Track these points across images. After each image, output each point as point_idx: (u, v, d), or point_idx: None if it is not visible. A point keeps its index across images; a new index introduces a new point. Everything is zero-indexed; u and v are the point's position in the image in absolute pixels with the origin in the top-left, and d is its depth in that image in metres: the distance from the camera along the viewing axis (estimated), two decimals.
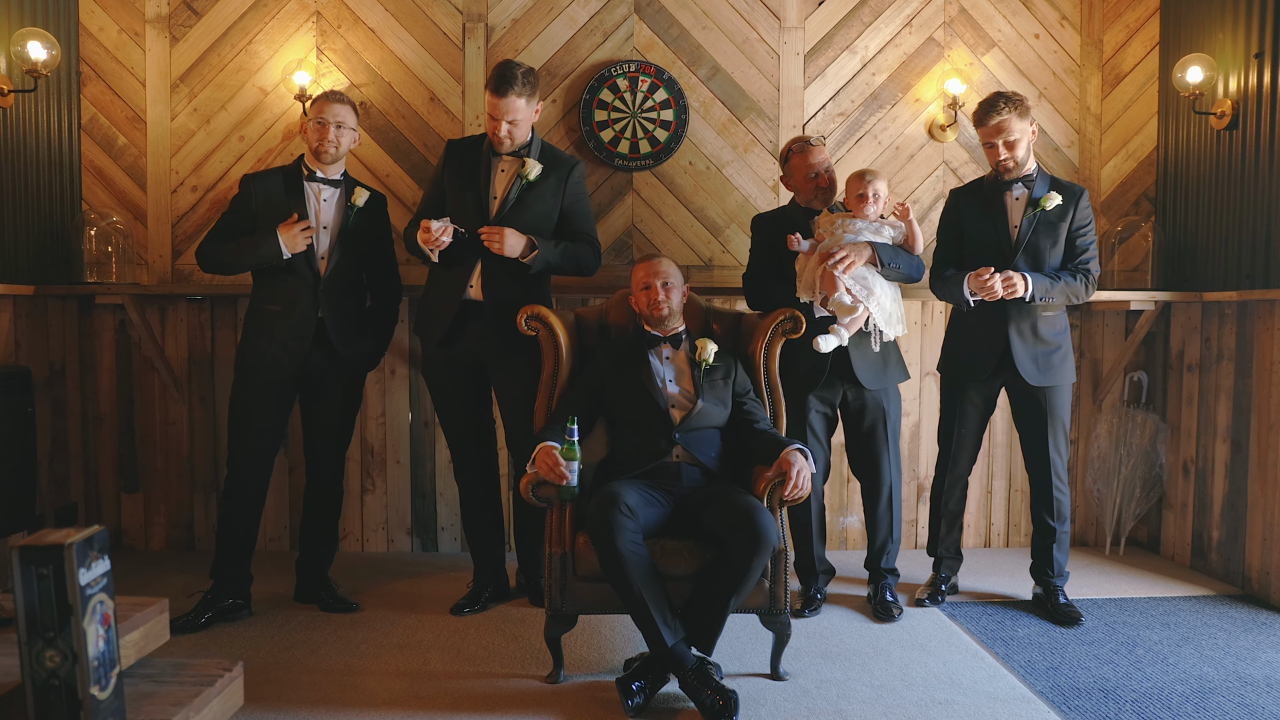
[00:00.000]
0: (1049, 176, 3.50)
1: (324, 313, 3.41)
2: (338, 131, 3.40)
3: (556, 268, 3.42)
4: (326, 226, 3.44)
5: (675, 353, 3.17)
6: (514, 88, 3.26)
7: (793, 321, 3.23)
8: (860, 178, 3.37)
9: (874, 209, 3.35)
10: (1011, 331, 3.42)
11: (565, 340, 3.22)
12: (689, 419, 3.02)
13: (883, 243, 3.32)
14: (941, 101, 4.35)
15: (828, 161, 3.50)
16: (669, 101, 4.26)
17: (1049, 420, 3.47)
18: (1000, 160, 3.39)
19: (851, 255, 3.25)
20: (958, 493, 3.70)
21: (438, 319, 3.43)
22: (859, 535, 4.45)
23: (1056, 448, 3.49)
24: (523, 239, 3.32)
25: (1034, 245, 3.40)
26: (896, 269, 3.32)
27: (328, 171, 3.45)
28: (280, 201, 3.39)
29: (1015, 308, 3.41)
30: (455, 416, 3.53)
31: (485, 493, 3.59)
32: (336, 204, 3.46)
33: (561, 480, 2.78)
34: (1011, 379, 3.49)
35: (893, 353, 3.50)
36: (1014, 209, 3.45)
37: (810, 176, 3.48)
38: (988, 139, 3.40)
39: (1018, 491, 4.50)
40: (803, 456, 2.86)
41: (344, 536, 4.33)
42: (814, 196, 3.49)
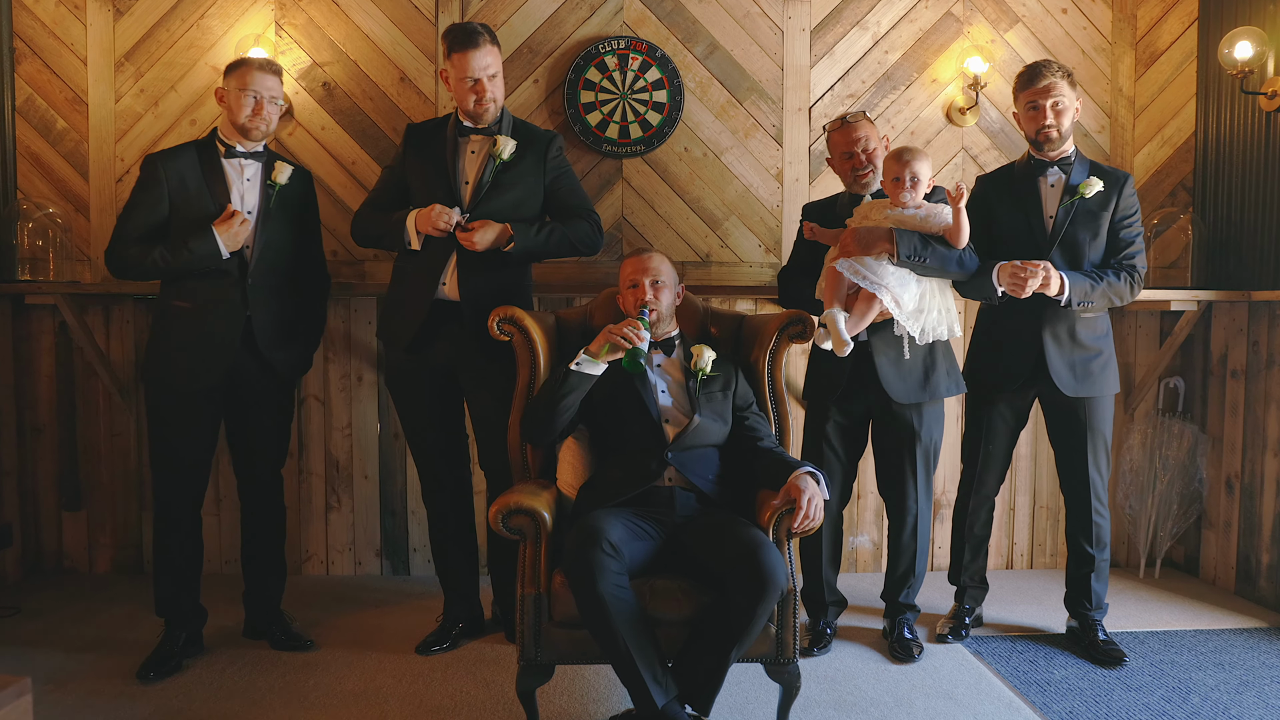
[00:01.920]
0: (1088, 161, 3.13)
1: (253, 311, 2.98)
2: (270, 108, 2.99)
3: (543, 252, 3.04)
4: (251, 211, 3.00)
5: (668, 360, 2.80)
6: (482, 36, 2.91)
7: (800, 325, 2.85)
8: (897, 158, 2.93)
9: (913, 195, 2.91)
10: (1046, 336, 3.04)
11: (543, 346, 2.84)
12: (683, 436, 2.64)
13: (907, 231, 2.90)
14: (961, 82, 3.98)
15: (868, 139, 3.06)
16: (662, 81, 3.88)
17: (1089, 435, 3.09)
18: (1044, 126, 3.01)
19: (857, 245, 2.86)
20: (984, 516, 3.32)
21: (406, 321, 3.05)
22: (870, 557, 4.08)
23: (1097, 466, 3.11)
24: (497, 228, 2.94)
25: (1071, 238, 3.02)
26: (921, 262, 2.90)
27: (249, 147, 3.01)
28: (196, 183, 2.95)
29: (1050, 309, 3.03)
30: (424, 431, 3.14)
31: (457, 517, 3.21)
32: (260, 181, 3.04)
33: (636, 341, 2.57)
34: (1046, 390, 3.11)
35: (939, 361, 3.06)
36: (1049, 197, 3.07)
37: (845, 156, 3.08)
38: (1032, 99, 3.02)
39: (1042, 508, 4.13)
40: (814, 481, 2.48)
41: (307, 558, 3.97)
42: (852, 181, 3.10)
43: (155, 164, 2.96)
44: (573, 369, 2.63)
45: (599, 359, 2.63)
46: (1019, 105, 3.09)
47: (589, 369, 2.64)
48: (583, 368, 2.63)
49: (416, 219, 2.96)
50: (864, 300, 2.86)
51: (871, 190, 3.08)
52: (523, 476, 2.83)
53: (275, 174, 3.02)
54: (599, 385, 2.71)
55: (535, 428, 2.70)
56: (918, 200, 2.93)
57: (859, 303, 2.88)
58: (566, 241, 3.06)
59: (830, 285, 2.90)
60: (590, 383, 2.65)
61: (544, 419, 2.67)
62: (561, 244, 3.05)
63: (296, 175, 3.10)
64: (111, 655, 3.07)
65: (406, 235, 2.99)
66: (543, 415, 2.67)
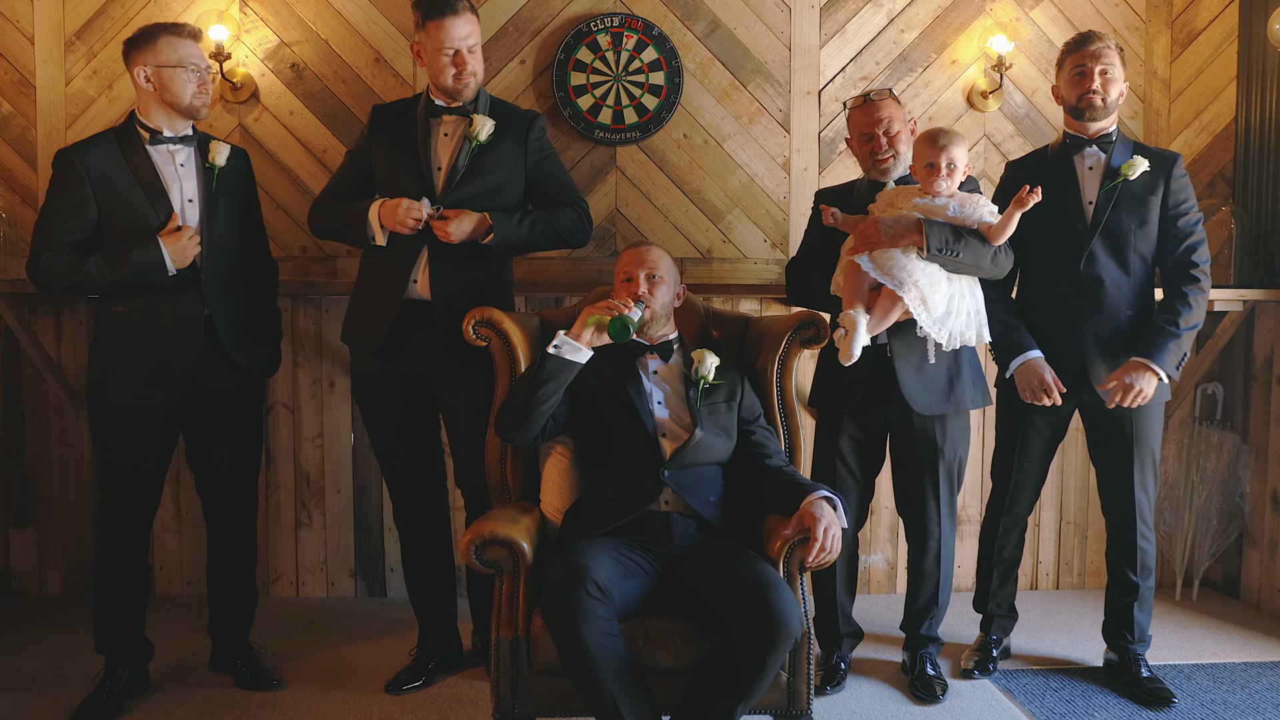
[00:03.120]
0: (1131, 141, 2.82)
1: (212, 309, 2.67)
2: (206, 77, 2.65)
3: (526, 244, 2.74)
4: (193, 199, 2.68)
5: (665, 367, 2.50)
6: (461, 2, 2.61)
7: (813, 328, 2.55)
8: (932, 141, 2.61)
9: (947, 184, 2.60)
10: (1088, 338, 2.74)
11: (525, 352, 2.54)
12: (682, 452, 2.34)
13: (937, 222, 2.59)
14: (983, 63, 3.68)
15: (892, 121, 2.73)
16: (659, 62, 3.57)
17: (1135, 452, 2.79)
18: (1089, 90, 2.71)
19: (882, 236, 2.55)
20: (1014, 539, 3.01)
21: (372, 324, 2.74)
22: (885, 577, 3.78)
23: (1143, 485, 2.81)
24: (475, 218, 2.64)
25: (1115, 225, 2.72)
26: (953, 257, 2.59)
27: (176, 128, 2.66)
28: (124, 178, 2.60)
29: (1093, 307, 2.73)
30: (394, 446, 2.84)
31: (432, 541, 2.91)
32: (195, 166, 2.70)
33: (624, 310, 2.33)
34: (1089, 399, 2.80)
35: (965, 369, 2.75)
36: (1087, 180, 2.77)
37: (864, 138, 2.76)
38: (1080, 63, 2.72)
39: (1070, 524, 3.83)
40: (831, 507, 2.18)
41: (275, 579, 3.67)
42: (871, 165, 2.78)
43: (71, 160, 2.59)
44: (551, 353, 2.32)
45: (582, 341, 2.33)
46: (1063, 73, 2.79)
47: (570, 354, 2.32)
48: (563, 352, 2.32)
49: (381, 212, 2.66)
50: (886, 299, 2.55)
51: (892, 178, 2.77)
52: (502, 498, 2.53)
53: (212, 155, 2.69)
54: (588, 392, 2.42)
55: (511, 423, 2.37)
56: (953, 189, 2.62)
57: (880, 301, 2.56)
58: (552, 232, 2.76)
59: (850, 281, 2.58)
60: (572, 371, 2.33)
61: (520, 412, 2.34)
62: (546, 235, 2.74)
63: (235, 155, 2.78)
64: (49, 693, 2.77)
65: (369, 229, 2.68)
66: (519, 407, 2.35)
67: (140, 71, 2.61)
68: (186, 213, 2.66)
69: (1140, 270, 2.77)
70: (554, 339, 2.32)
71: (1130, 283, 2.75)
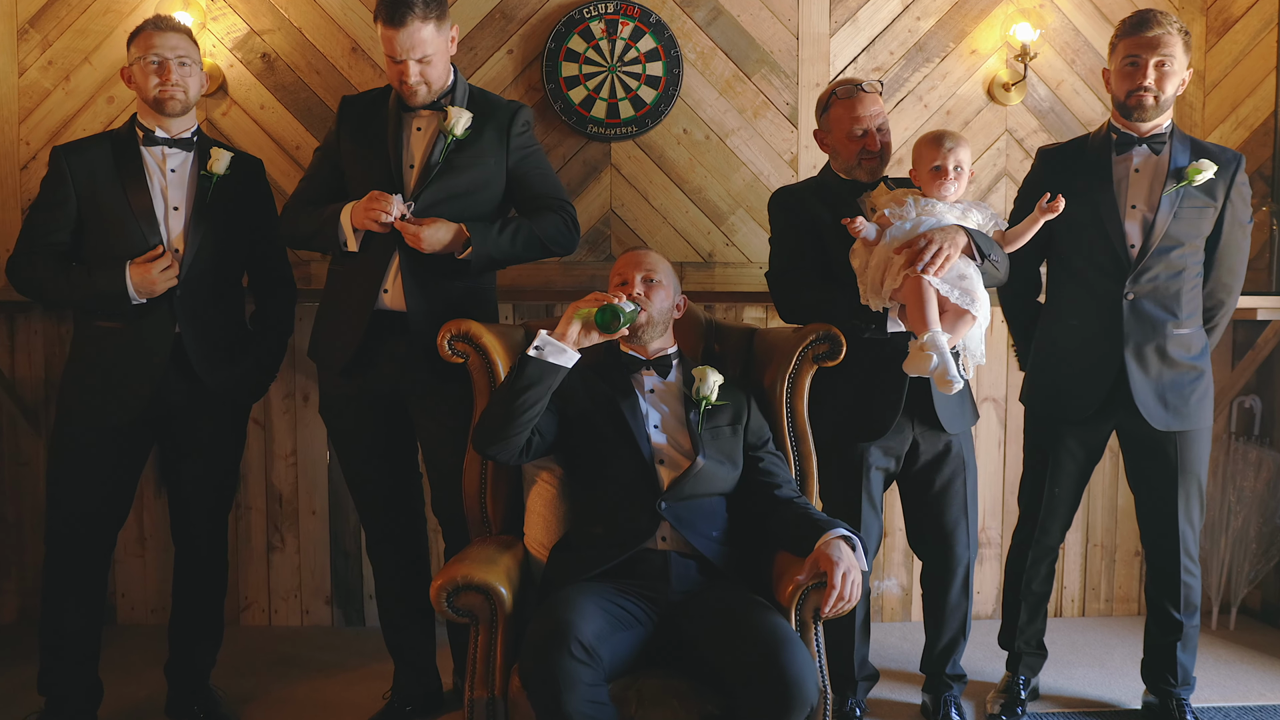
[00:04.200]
0: (1189, 138, 2.57)
1: (182, 326, 2.49)
2: (182, 71, 2.49)
3: (509, 257, 2.49)
4: (178, 207, 2.52)
5: (663, 385, 2.25)
6: (414, 10, 2.34)
7: (827, 342, 2.30)
8: (936, 143, 2.40)
9: (955, 188, 2.39)
10: (1129, 355, 2.49)
11: (506, 369, 2.28)
12: (682, 482, 2.10)
13: (976, 230, 2.39)
14: (1005, 53, 3.43)
15: (883, 116, 2.54)
16: (657, 52, 3.33)
17: (1180, 479, 2.54)
18: (1139, 87, 2.45)
19: (944, 245, 2.30)
20: (1044, 570, 2.76)
21: (341, 338, 2.49)
22: (899, 604, 3.54)
23: (1188, 516, 2.56)
24: (451, 229, 2.39)
25: (1171, 236, 2.47)
26: (994, 265, 2.37)
27: (171, 129, 2.52)
28: (108, 178, 2.48)
29: (1135, 317, 2.49)
30: (365, 472, 2.59)
31: (407, 574, 2.66)
32: (190, 173, 2.55)
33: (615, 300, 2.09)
34: (1128, 421, 2.55)
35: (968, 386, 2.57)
36: (1133, 185, 2.52)
37: (855, 134, 2.52)
38: (1133, 53, 2.45)
39: (1096, 546, 3.59)
40: (849, 548, 1.93)
41: (246, 606, 3.43)
42: (856, 163, 2.55)
43: (59, 158, 2.53)
44: (532, 356, 2.05)
45: (567, 341, 2.07)
46: (1114, 59, 2.53)
47: (554, 357, 2.05)
48: (545, 354, 2.05)
49: (352, 213, 2.41)
50: (954, 316, 2.32)
51: (877, 178, 2.56)
52: (481, 531, 2.29)
53: (212, 163, 2.54)
54: (577, 409, 2.17)
55: (489, 436, 2.10)
56: (962, 193, 2.40)
57: (949, 317, 2.33)
58: (536, 242, 2.51)
59: (918, 299, 2.30)
60: (555, 377, 2.06)
61: (499, 423, 2.08)
62: (530, 246, 2.49)
63: (239, 164, 2.60)
64: None
65: (341, 234, 2.43)
66: (498, 418, 2.08)
67: (126, 72, 2.56)
68: (169, 221, 2.51)
69: (1194, 280, 2.54)
70: (535, 338, 2.07)
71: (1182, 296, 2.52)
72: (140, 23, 2.56)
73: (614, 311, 2.03)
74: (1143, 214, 2.50)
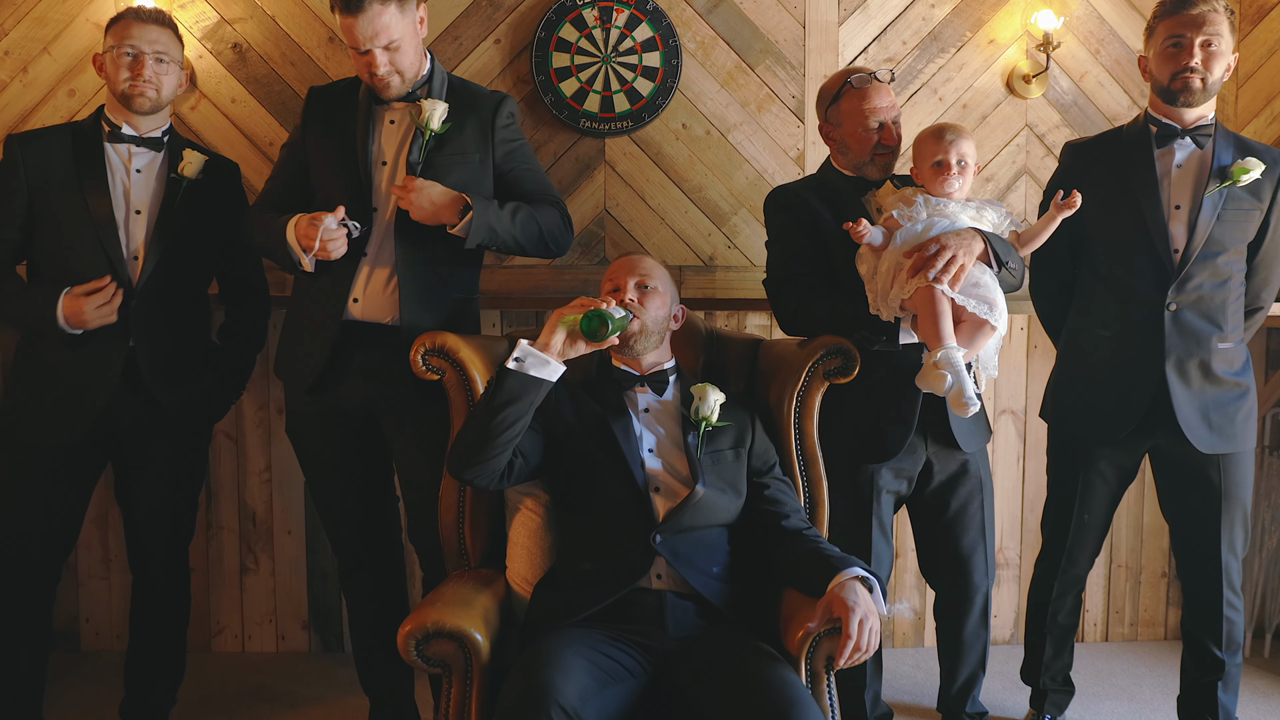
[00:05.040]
0: (1231, 134, 2.37)
1: (136, 341, 2.30)
2: (157, 67, 2.32)
3: (508, 239, 2.26)
4: (140, 210, 2.34)
5: (659, 404, 2.05)
6: None
7: (840, 357, 2.09)
8: (938, 137, 2.22)
9: (961, 184, 2.20)
10: (1170, 369, 2.29)
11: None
12: (679, 514, 1.89)
13: (992, 233, 2.19)
14: (1025, 42, 3.22)
15: (896, 110, 2.35)
16: (654, 41, 3.12)
17: (1224, 506, 2.33)
18: (1186, 68, 2.24)
19: (958, 251, 2.09)
20: (1070, 602, 2.57)
21: (306, 352, 2.29)
22: (911, 630, 3.33)
23: (1232, 546, 2.36)
24: (448, 193, 2.18)
25: (1214, 239, 2.27)
26: (1011, 271, 2.18)
27: (140, 126, 2.35)
28: (64, 173, 2.31)
29: (1178, 329, 2.29)
30: (336, 497, 2.39)
31: (383, 607, 2.46)
32: (157, 175, 2.37)
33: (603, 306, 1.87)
34: (1166, 443, 2.35)
35: None
36: (1176, 183, 2.31)
37: (869, 128, 2.31)
38: (1176, 34, 2.25)
39: (1121, 567, 3.38)
40: (865, 590, 1.73)
41: (218, 632, 3.23)
42: (869, 159, 2.34)
43: (13, 146, 2.37)
44: (511, 369, 1.84)
45: (550, 352, 1.86)
46: (1154, 41, 2.32)
47: (535, 369, 1.84)
48: (526, 367, 1.84)
49: (296, 232, 2.20)
50: (971, 327, 2.12)
51: (889, 174, 2.38)
52: (459, 564, 2.08)
53: (183, 165, 2.37)
54: (564, 429, 1.98)
55: (466, 458, 1.90)
56: (966, 189, 2.21)
57: (966, 329, 2.13)
58: (535, 228, 2.30)
59: (932, 312, 2.09)
60: (538, 392, 1.85)
61: (476, 444, 1.87)
62: (528, 230, 2.28)
63: (214, 168, 2.43)
64: None
65: (293, 254, 2.21)
66: (474, 438, 1.87)
67: (98, 59, 2.39)
68: (130, 226, 2.33)
69: (1239, 289, 2.35)
70: (515, 349, 1.86)
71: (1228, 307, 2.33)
72: (120, 10, 2.41)
73: (601, 317, 1.82)
74: (1187, 215, 2.30)
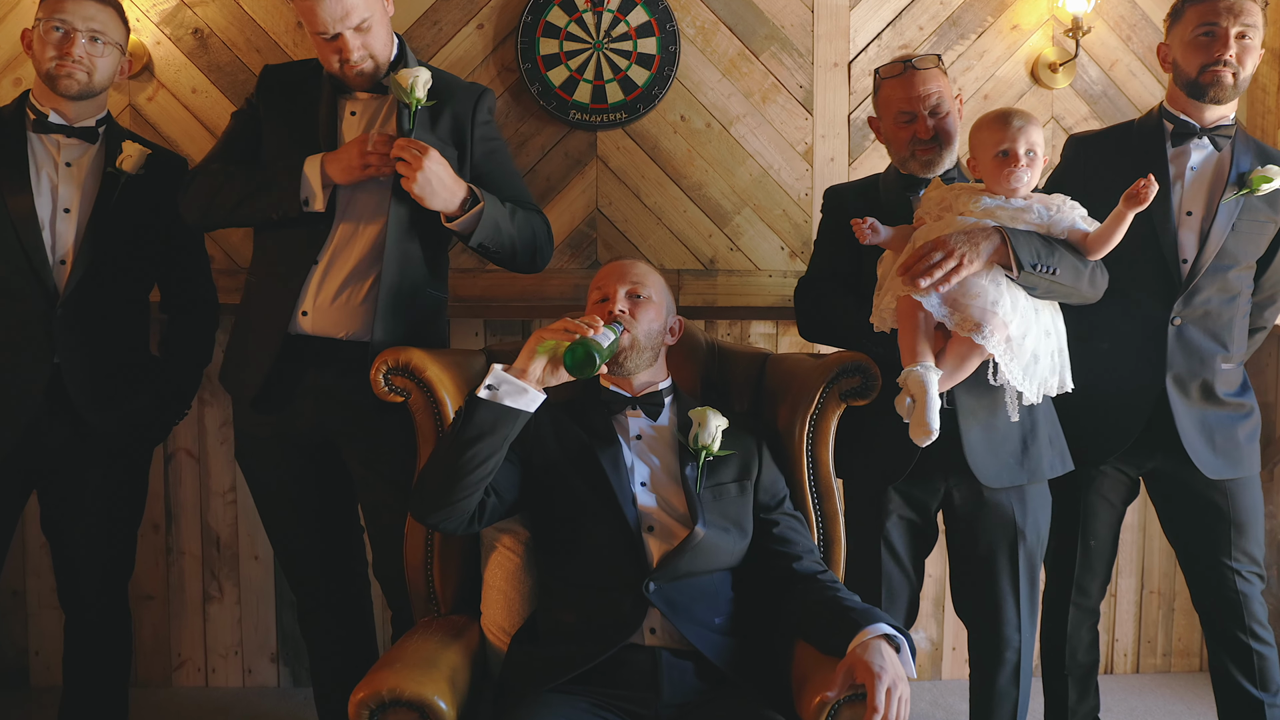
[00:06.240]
0: (1251, 138, 2.18)
1: (62, 356, 2.06)
2: (90, 47, 2.08)
3: (506, 246, 2.05)
4: (70, 209, 2.10)
5: (653, 430, 1.82)
6: None
7: (858, 375, 1.86)
8: (1001, 123, 1.94)
9: (1028, 177, 1.92)
10: (1170, 386, 2.10)
11: (458, 409, 1.84)
12: (677, 558, 1.66)
13: (1023, 230, 1.90)
14: (1052, 28, 3.00)
15: (941, 97, 2.07)
16: (650, 26, 2.89)
17: (1234, 535, 2.15)
18: (1218, 60, 2.03)
19: (959, 254, 1.84)
20: (1087, 636, 2.37)
21: (249, 363, 2.07)
22: (927, 660, 3.12)
23: (1247, 575, 2.17)
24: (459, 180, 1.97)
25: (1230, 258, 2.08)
26: (1049, 276, 1.88)
27: (71, 114, 2.11)
28: None
29: (1181, 347, 2.10)
30: (291, 531, 2.15)
31: (347, 650, 2.22)
32: (90, 170, 2.13)
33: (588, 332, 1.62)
34: (1168, 463, 2.16)
35: (1041, 424, 2.07)
36: (1190, 187, 2.10)
37: (903, 118, 2.07)
38: (1209, 21, 2.04)
39: (1152, 593, 3.16)
40: (893, 651, 1.49)
41: (179, 665, 3.01)
42: (909, 155, 2.09)
43: None
44: (483, 398, 1.61)
45: (528, 380, 1.62)
46: (1180, 28, 2.11)
47: (511, 399, 1.61)
48: (501, 395, 1.61)
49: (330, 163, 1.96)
50: (961, 344, 1.85)
51: (936, 172, 2.10)
52: (427, 610, 1.85)
53: (122, 159, 2.13)
54: (544, 459, 1.75)
55: (431, 500, 1.67)
56: (1032, 185, 1.94)
57: (952, 347, 1.87)
58: (530, 236, 2.10)
59: (909, 323, 1.87)
60: (514, 424, 1.62)
61: (443, 485, 1.64)
62: (524, 236, 2.08)
63: (158, 163, 2.19)
64: None
65: (304, 187, 1.96)
66: (441, 478, 1.64)
67: (26, 35, 2.16)
68: (57, 225, 2.09)
69: (1246, 307, 2.18)
70: (488, 374, 1.62)
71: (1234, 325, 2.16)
72: None
73: (587, 350, 1.57)
74: (1199, 223, 2.10)
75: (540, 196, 2.88)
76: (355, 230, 2.03)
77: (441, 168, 1.91)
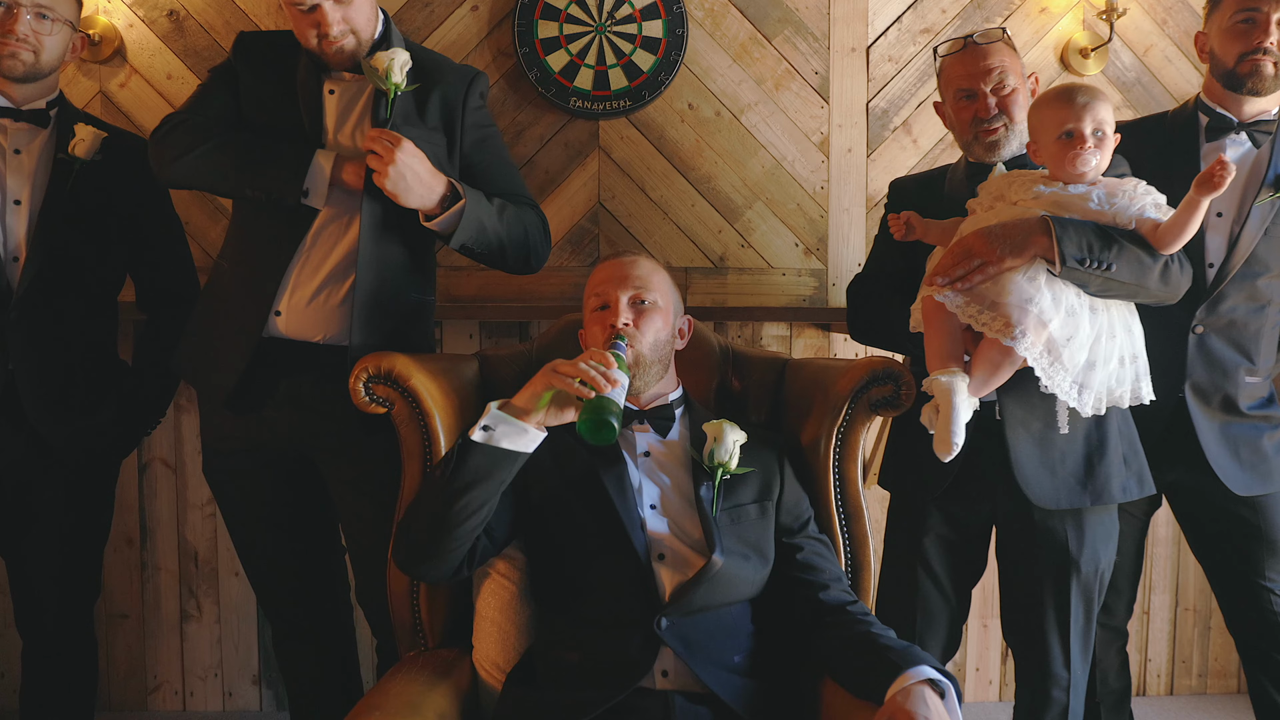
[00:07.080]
0: None
1: (16, 363, 1.90)
2: (37, 24, 1.93)
3: (493, 245, 1.88)
4: (20, 200, 1.93)
5: (662, 446, 1.64)
6: None
7: (890, 383, 1.68)
8: (1066, 99, 1.73)
9: (1096, 160, 1.72)
10: (1190, 396, 1.96)
11: (448, 421, 1.66)
12: (691, 590, 1.49)
13: (1072, 219, 1.70)
14: (1082, 11, 2.84)
15: (1005, 73, 1.88)
16: (656, 7, 2.73)
17: (1267, 553, 2.01)
18: (1259, 48, 1.89)
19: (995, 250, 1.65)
20: (1116, 659, 2.27)
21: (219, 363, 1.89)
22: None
23: None
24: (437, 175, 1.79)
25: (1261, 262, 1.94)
26: (1102, 271, 1.68)
27: (17, 96, 1.95)
28: None
29: (1202, 356, 1.96)
30: (262, 551, 1.98)
31: (327, 682, 2.05)
32: (41, 157, 1.96)
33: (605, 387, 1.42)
34: (1189, 477, 2.01)
35: (1112, 439, 1.86)
36: None
37: (963, 96, 1.90)
38: (1247, 6, 1.90)
39: (1187, 610, 3.00)
40: (938, 697, 1.32)
41: (155, 688, 2.86)
42: (973, 139, 1.91)
43: None
44: (478, 441, 1.45)
45: (531, 421, 1.46)
46: (1219, 15, 1.96)
47: (509, 441, 1.45)
48: (497, 438, 1.44)
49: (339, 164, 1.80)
50: (992, 348, 1.67)
51: (1004, 156, 1.90)
52: (414, 643, 1.67)
53: (75, 144, 1.96)
54: (542, 489, 1.58)
55: (416, 551, 1.51)
56: (1102, 170, 1.75)
57: (983, 352, 1.68)
58: (521, 235, 1.93)
59: (936, 326, 1.69)
60: (511, 469, 1.47)
61: (430, 535, 1.48)
62: (514, 235, 1.91)
63: (115, 147, 2.02)
64: None
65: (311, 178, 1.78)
66: (428, 527, 1.48)
67: None
68: (6, 218, 1.92)
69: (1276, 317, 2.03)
70: (484, 414, 1.45)
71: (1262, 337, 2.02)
72: None
73: (602, 416, 1.38)
74: (1229, 225, 1.96)
75: (538, 190, 2.72)
76: (336, 227, 1.85)
77: (417, 161, 1.74)
